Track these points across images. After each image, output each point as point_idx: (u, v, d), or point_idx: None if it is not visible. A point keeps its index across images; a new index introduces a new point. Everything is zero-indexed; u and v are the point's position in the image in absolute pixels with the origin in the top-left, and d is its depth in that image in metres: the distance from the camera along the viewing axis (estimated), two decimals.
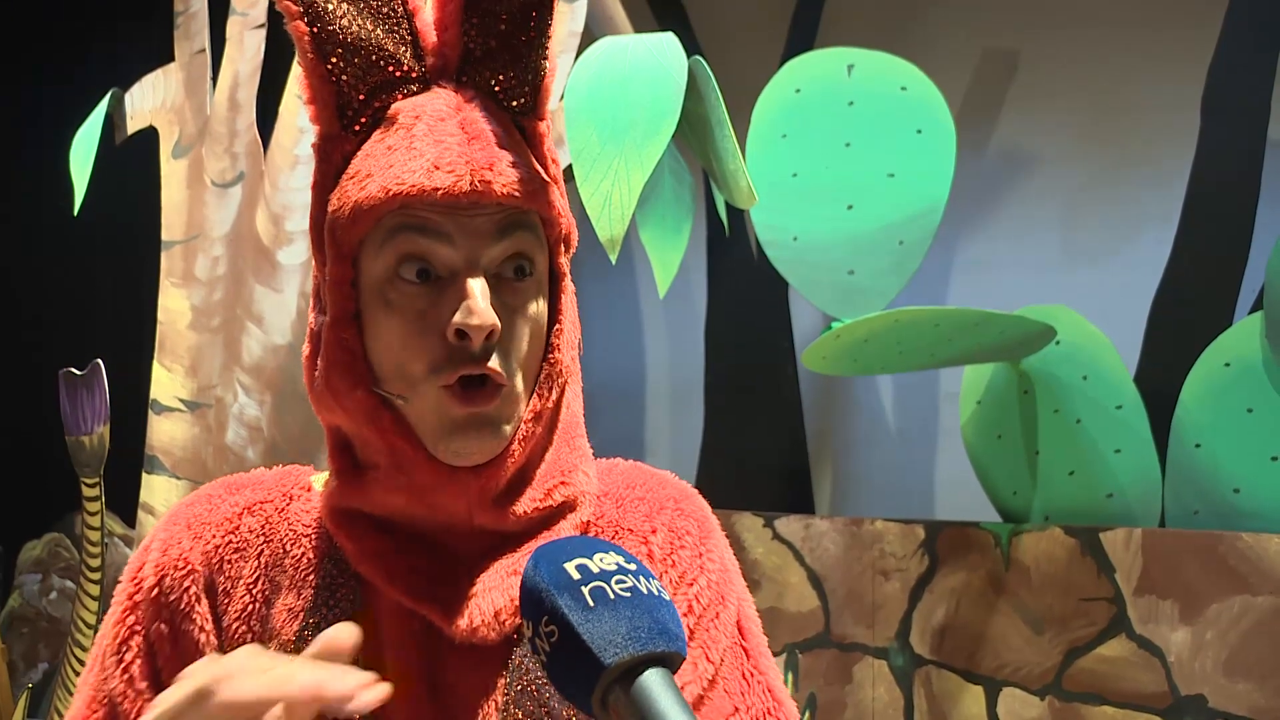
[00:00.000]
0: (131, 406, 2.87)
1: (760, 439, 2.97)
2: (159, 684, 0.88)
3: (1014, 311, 2.25)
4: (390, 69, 0.85)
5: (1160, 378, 2.32)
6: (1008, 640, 2.23)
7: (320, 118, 0.86)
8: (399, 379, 0.83)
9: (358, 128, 0.85)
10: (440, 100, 0.85)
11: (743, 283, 3.01)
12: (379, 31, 0.85)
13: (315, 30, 0.84)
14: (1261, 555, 1.99)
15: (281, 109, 2.44)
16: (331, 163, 0.86)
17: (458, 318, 0.80)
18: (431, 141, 0.82)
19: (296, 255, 2.36)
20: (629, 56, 1.89)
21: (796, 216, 2.41)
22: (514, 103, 0.87)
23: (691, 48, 2.25)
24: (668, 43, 1.92)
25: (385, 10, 0.85)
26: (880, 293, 2.39)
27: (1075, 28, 2.84)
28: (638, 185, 1.76)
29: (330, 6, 0.84)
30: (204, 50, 2.62)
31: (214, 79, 2.59)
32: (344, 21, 0.84)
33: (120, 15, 3.60)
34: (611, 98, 1.84)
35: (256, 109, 2.52)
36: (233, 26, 2.57)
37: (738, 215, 2.94)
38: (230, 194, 2.50)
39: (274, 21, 2.48)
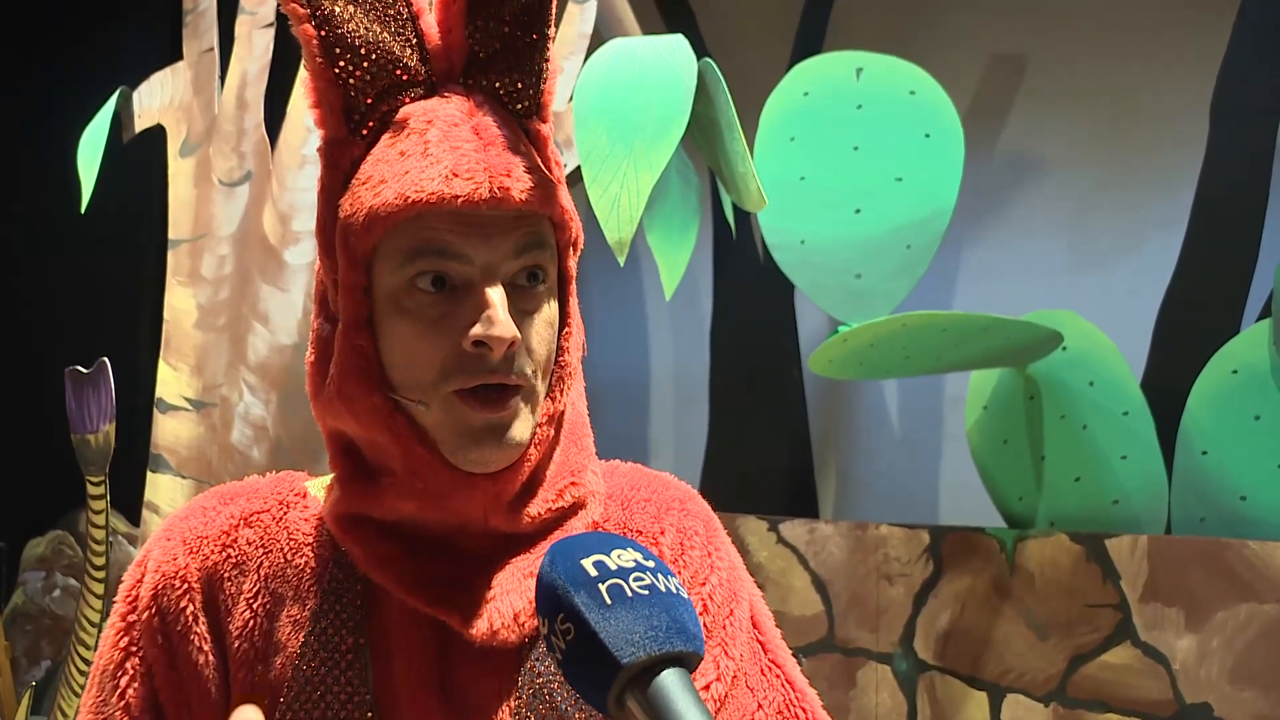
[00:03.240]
0: (137, 405, 2.87)
1: (765, 442, 2.97)
2: (156, 707, 0.87)
3: (1021, 317, 2.25)
4: (397, 73, 0.84)
5: (1167, 384, 2.32)
6: (1012, 646, 2.23)
7: (326, 122, 0.85)
8: (412, 384, 0.82)
9: (365, 132, 0.84)
10: (451, 105, 0.84)
11: (749, 285, 3.01)
12: (385, 35, 0.84)
13: (323, 34, 0.83)
14: (1268, 563, 1.99)
15: (289, 108, 2.45)
16: (339, 168, 0.85)
17: (478, 329, 0.79)
18: (447, 148, 0.82)
19: (303, 255, 2.36)
20: (638, 59, 1.89)
21: (804, 219, 2.41)
22: (518, 105, 0.87)
23: (700, 50, 2.25)
24: (677, 45, 1.92)
25: (391, 13, 0.85)
26: (887, 296, 2.38)
27: (1083, 32, 2.83)
28: (646, 187, 1.76)
29: (337, 9, 0.83)
30: (212, 49, 2.62)
31: (222, 78, 2.59)
32: (351, 25, 0.83)
33: (129, 13, 3.61)
34: (621, 100, 1.84)
35: (264, 108, 2.52)
36: (241, 25, 2.58)
37: (744, 218, 2.94)
38: (237, 193, 2.50)
39: (282, 20, 2.48)
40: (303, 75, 0.86)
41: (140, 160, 2.86)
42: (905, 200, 2.37)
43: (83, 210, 2.56)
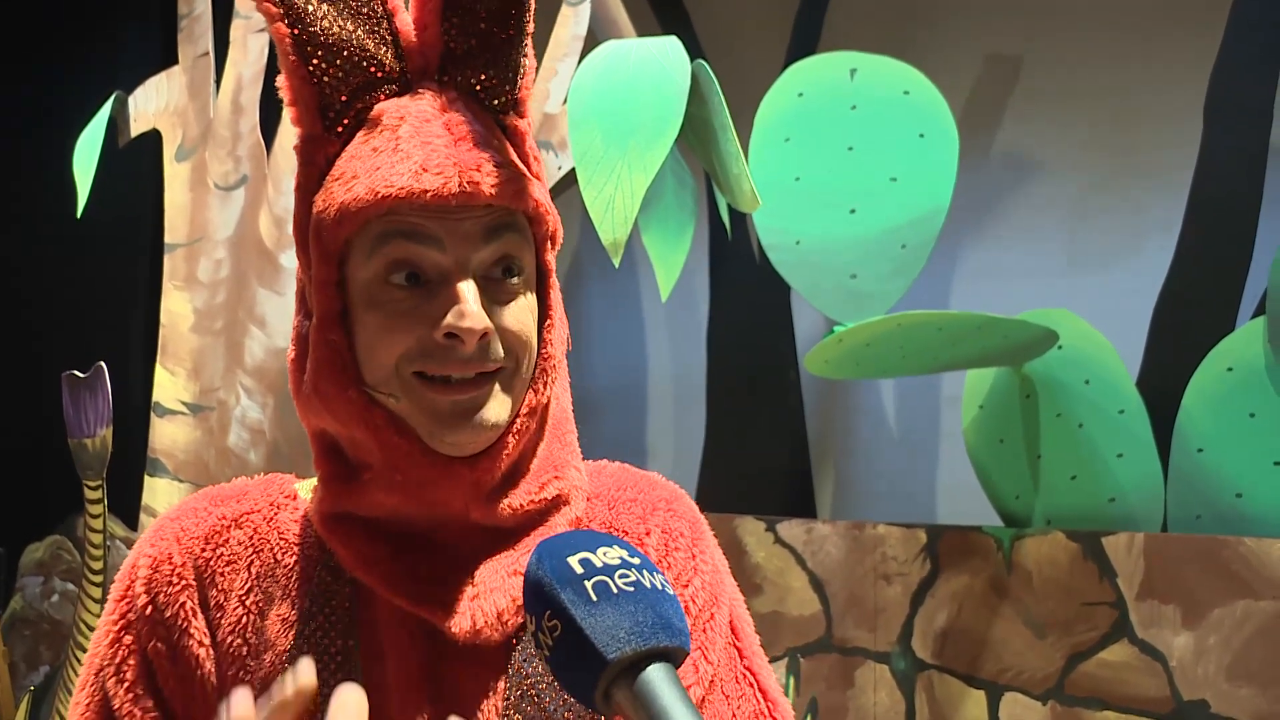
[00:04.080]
0: (134, 409, 2.87)
1: (762, 443, 2.97)
2: (161, 701, 0.87)
3: (1017, 316, 2.25)
4: (372, 69, 0.85)
5: (1163, 382, 2.32)
6: (1010, 645, 2.23)
7: (302, 120, 0.85)
8: (379, 374, 0.83)
9: (340, 129, 0.85)
10: (424, 101, 0.85)
11: (745, 286, 3.01)
12: (360, 32, 0.85)
13: (296, 32, 0.83)
14: (1264, 560, 1.99)
15: (284, 112, 2.45)
16: (315, 165, 0.86)
17: (449, 319, 0.80)
18: (418, 143, 0.82)
19: None
20: (632, 60, 1.89)
21: (799, 220, 2.41)
22: (495, 101, 0.87)
23: (695, 51, 2.25)
24: (671, 46, 1.92)
25: (365, 10, 0.85)
26: (883, 297, 2.39)
27: (1078, 33, 2.84)
28: (641, 189, 1.76)
29: (311, 7, 0.83)
30: (207, 53, 2.62)
31: (217, 82, 2.60)
32: (324, 23, 0.84)
33: (124, 18, 3.61)
34: (615, 101, 1.84)
35: (260, 112, 2.52)
36: (236, 30, 2.58)
37: (740, 219, 2.94)
38: (233, 197, 2.51)
39: None
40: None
41: (136, 165, 2.86)
42: (900, 200, 2.37)
43: (79, 215, 2.56)
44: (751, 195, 1.92)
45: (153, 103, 2.72)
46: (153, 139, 2.71)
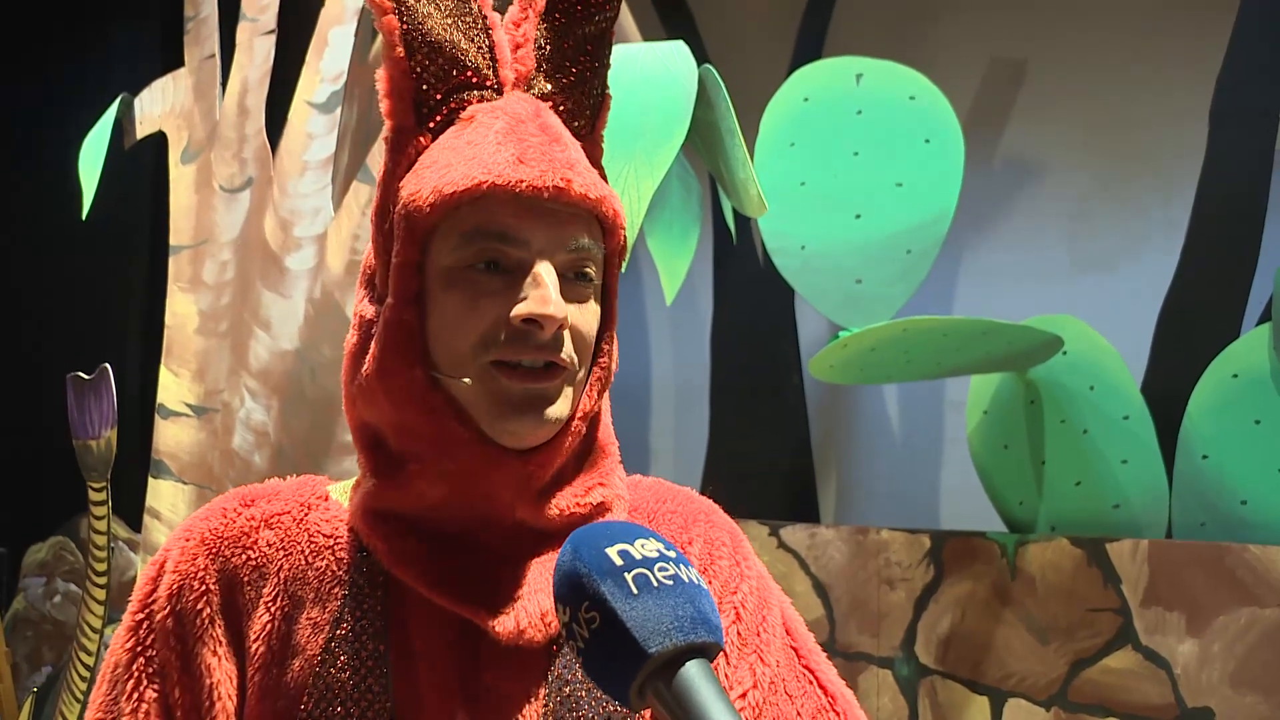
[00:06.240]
0: (138, 411, 2.87)
1: (766, 447, 2.97)
2: (167, 709, 0.87)
3: (1021, 321, 2.25)
4: (469, 74, 0.88)
5: (1167, 388, 2.32)
6: (1013, 650, 2.23)
7: (395, 110, 0.88)
8: (452, 356, 0.83)
9: (432, 124, 0.88)
10: (519, 104, 0.88)
11: (749, 291, 3.01)
12: (462, 40, 0.88)
13: (405, 27, 0.86)
14: (1269, 567, 1.99)
15: (290, 115, 2.45)
16: (404, 155, 0.88)
17: (530, 306, 0.81)
18: (515, 139, 0.84)
19: (304, 261, 2.37)
20: (639, 65, 1.89)
21: (804, 225, 2.42)
22: (576, 123, 0.90)
23: (700, 56, 2.26)
24: (677, 51, 1.92)
25: (467, 21, 0.89)
26: (887, 302, 2.39)
27: (1083, 37, 2.84)
28: (647, 193, 1.76)
29: (420, 7, 0.87)
30: (214, 56, 2.62)
31: (223, 84, 2.60)
32: (430, 24, 0.87)
33: (130, 20, 3.62)
34: (621, 106, 1.84)
35: (265, 115, 2.53)
36: (242, 32, 2.58)
37: (745, 223, 2.94)
38: (239, 199, 2.51)
39: (283, 28, 2.49)
40: (304, 81, 0.88)
41: (141, 167, 2.86)
42: (905, 205, 2.37)
43: (84, 217, 2.57)
44: (759, 200, 1.93)
45: (158, 105, 2.72)
46: (158, 141, 2.71)
